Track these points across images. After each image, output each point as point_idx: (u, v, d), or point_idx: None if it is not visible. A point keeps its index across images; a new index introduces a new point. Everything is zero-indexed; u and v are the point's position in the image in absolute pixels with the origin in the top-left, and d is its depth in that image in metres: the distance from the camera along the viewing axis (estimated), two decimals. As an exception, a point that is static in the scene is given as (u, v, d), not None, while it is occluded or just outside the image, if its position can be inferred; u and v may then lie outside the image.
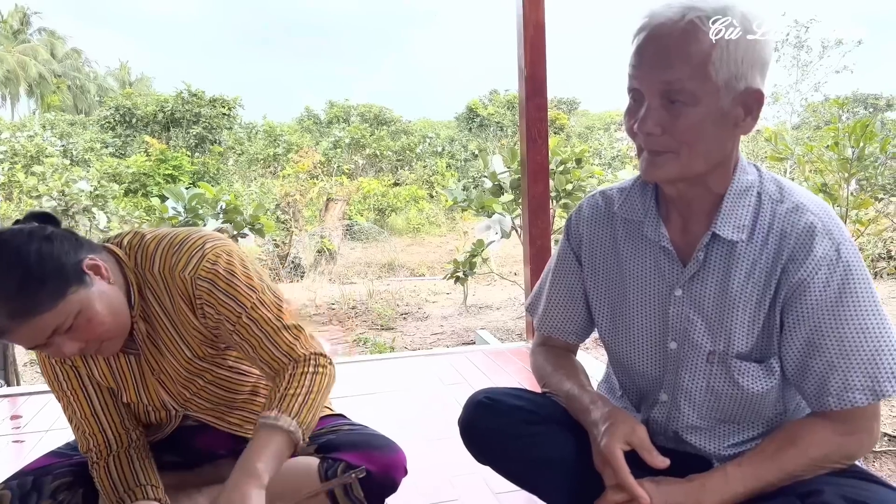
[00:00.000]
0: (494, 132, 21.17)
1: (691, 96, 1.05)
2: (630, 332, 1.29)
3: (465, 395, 1.31)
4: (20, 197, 14.55)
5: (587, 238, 1.35)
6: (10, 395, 3.11)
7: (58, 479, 1.40)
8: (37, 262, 1.16)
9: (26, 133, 17.41)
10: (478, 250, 6.02)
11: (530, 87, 3.22)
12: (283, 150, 18.69)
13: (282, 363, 1.34)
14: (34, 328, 1.17)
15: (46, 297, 1.16)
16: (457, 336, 6.37)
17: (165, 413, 1.48)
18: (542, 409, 1.36)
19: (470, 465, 2.02)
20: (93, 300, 1.22)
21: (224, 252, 1.35)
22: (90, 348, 1.27)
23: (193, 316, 1.36)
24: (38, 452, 1.58)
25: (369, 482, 1.38)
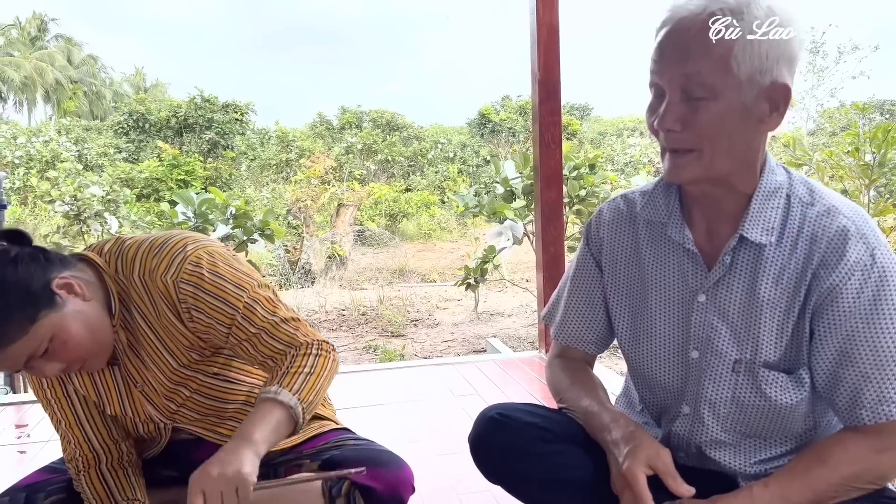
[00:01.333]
0: (506, 138, 21.10)
1: (711, 90, 1.01)
2: (650, 341, 1.23)
3: (477, 407, 1.26)
4: (35, 202, 14.68)
5: (608, 242, 1.30)
6: (15, 402, 3.07)
7: (51, 497, 1.36)
8: (1, 291, 1.11)
9: (42, 138, 17.58)
10: (489, 257, 5.95)
11: (544, 90, 3.15)
12: (295, 156, 18.72)
13: (284, 353, 1.30)
14: (6, 357, 1.14)
15: (14, 328, 1.12)
16: (468, 343, 6.30)
17: (154, 426, 1.42)
18: (558, 426, 1.29)
19: (480, 482, 1.94)
20: (67, 322, 1.18)
21: (206, 253, 1.29)
22: (73, 368, 1.23)
23: (178, 321, 1.30)
24: (41, 461, 1.54)
25: (375, 499, 1.32)
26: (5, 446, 2.48)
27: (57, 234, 6.81)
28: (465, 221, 15.87)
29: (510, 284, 9.06)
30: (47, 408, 1.40)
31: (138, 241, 1.32)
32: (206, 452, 1.46)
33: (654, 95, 1.09)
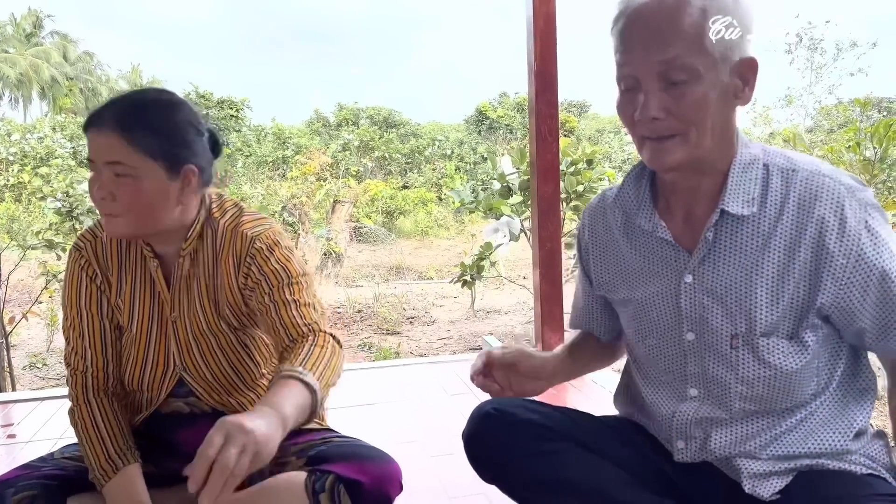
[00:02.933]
0: (504, 135, 21.03)
1: (692, 72, 1.01)
2: (647, 329, 1.22)
3: (471, 406, 1.23)
4: (29, 199, 14.59)
5: (591, 240, 1.32)
6: (0, 402, 3.00)
7: (21, 492, 1.29)
8: (174, 123, 1.30)
9: (36, 135, 17.49)
10: (485, 253, 5.87)
11: (540, 81, 3.08)
12: (291, 153, 18.65)
13: (301, 332, 1.33)
14: (117, 141, 1.25)
15: (152, 137, 1.27)
16: (464, 341, 6.23)
17: (163, 369, 1.43)
18: (558, 424, 1.25)
19: (473, 484, 1.87)
20: (156, 184, 1.29)
21: (286, 240, 1.43)
22: (111, 207, 1.28)
23: (234, 276, 1.39)
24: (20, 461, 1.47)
25: (360, 495, 1.26)
26: (-15, 447, 2.41)
27: (49, 230, 6.71)
28: (463, 219, 15.81)
29: (507, 282, 8.99)
30: (73, 316, 1.42)
31: (237, 202, 1.47)
32: (193, 433, 1.42)
33: (624, 88, 1.08)
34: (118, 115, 1.28)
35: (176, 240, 1.39)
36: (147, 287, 1.42)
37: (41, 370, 5.67)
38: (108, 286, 1.42)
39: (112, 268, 1.43)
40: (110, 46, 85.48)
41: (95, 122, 1.28)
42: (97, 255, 1.43)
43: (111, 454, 1.35)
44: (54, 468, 1.40)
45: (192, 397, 1.46)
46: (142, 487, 1.35)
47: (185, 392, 1.46)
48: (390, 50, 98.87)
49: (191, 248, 1.38)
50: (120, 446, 1.36)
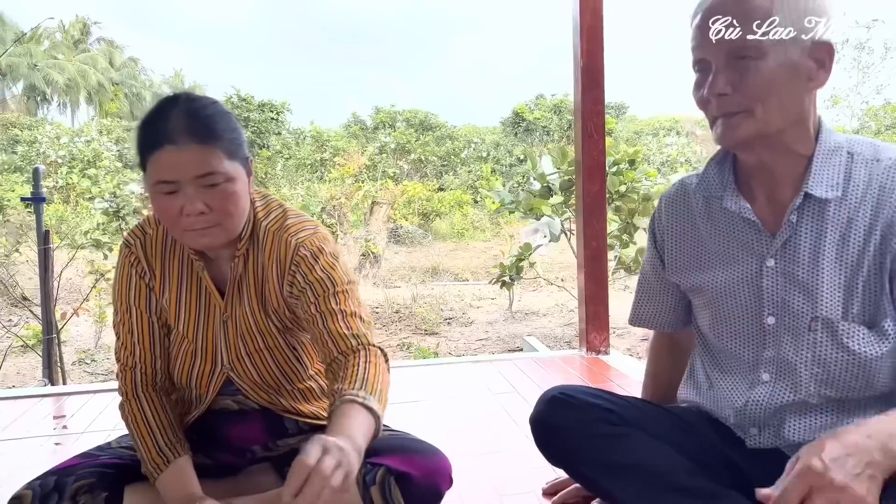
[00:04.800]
0: (540, 136, 20.90)
1: (757, 49, 1.03)
2: (723, 315, 1.23)
3: (516, 405, 1.24)
4: (77, 200, 15.00)
5: (668, 227, 1.33)
6: (53, 394, 3.07)
7: (80, 481, 1.32)
8: (232, 122, 1.31)
9: (84, 138, 17.99)
10: (525, 254, 5.84)
11: (587, 78, 3.04)
12: (329, 155, 18.81)
13: (350, 344, 1.32)
14: (203, 153, 1.23)
15: (229, 141, 1.27)
16: (502, 342, 6.20)
17: (210, 368, 1.42)
18: (625, 410, 1.27)
19: (524, 482, 1.85)
20: (243, 184, 1.31)
21: (332, 244, 1.42)
22: (208, 220, 1.27)
23: (279, 282, 1.38)
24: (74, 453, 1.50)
25: (410, 488, 1.26)
26: (41, 437, 2.46)
27: (97, 230, 6.89)
28: (499, 220, 15.75)
29: (545, 283, 8.93)
30: (123, 313, 1.43)
31: (281, 202, 1.46)
32: (243, 430, 1.48)
33: (699, 72, 1.12)
34: (192, 129, 1.23)
35: (229, 243, 1.37)
36: (194, 287, 1.42)
37: (90, 366, 5.81)
38: (155, 283, 1.43)
39: (158, 266, 1.43)
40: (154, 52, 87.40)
41: (170, 141, 1.22)
42: (146, 252, 1.43)
43: (162, 447, 1.35)
44: (112, 457, 1.42)
45: (239, 395, 1.46)
46: (193, 479, 1.36)
47: (232, 390, 1.46)
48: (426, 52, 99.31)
49: (244, 249, 1.38)
50: (170, 439, 1.37)
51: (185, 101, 1.27)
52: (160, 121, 1.24)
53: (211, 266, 1.42)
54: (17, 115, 21.54)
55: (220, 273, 1.42)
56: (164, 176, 1.23)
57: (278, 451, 1.53)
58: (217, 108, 1.30)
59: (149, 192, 1.29)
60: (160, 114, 1.25)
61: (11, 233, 10.85)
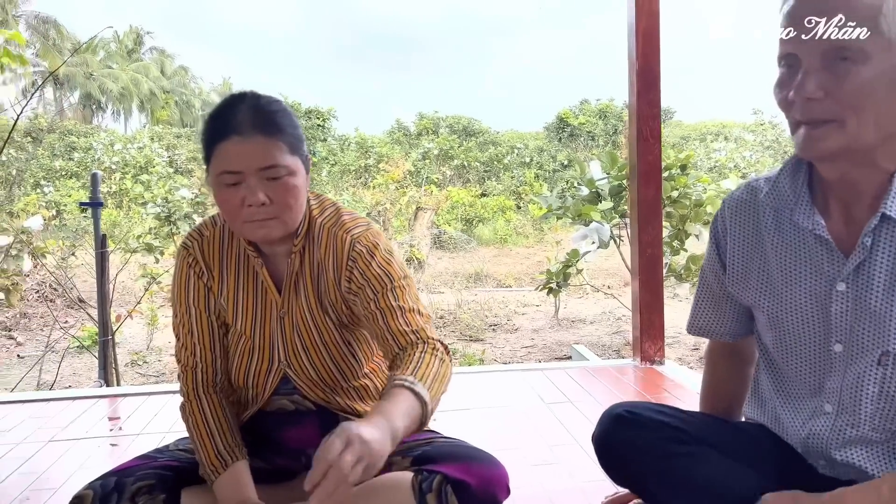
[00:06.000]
0: (585, 142, 20.68)
1: (860, 52, 0.91)
2: (787, 335, 1.14)
3: (569, 415, 1.20)
4: (129, 205, 15.42)
5: (731, 234, 1.22)
6: (109, 395, 3.13)
7: (139, 482, 1.33)
8: (294, 118, 1.35)
9: (136, 145, 18.51)
10: (572, 260, 5.75)
11: (642, 81, 2.98)
12: (373, 162, 18.96)
13: (410, 339, 1.32)
14: (268, 145, 1.27)
15: (291, 135, 1.31)
16: (548, 350, 6.12)
17: (267, 365, 1.44)
18: (692, 427, 1.21)
19: (579, 496, 1.80)
20: (303, 178, 1.33)
21: (385, 240, 1.43)
22: (268, 211, 1.29)
23: (335, 278, 1.39)
24: (131, 454, 1.51)
25: (467, 496, 1.23)
26: (98, 438, 2.51)
27: (149, 234, 7.05)
28: (542, 227, 15.63)
29: (591, 290, 8.80)
30: (182, 315, 1.45)
31: (334, 201, 1.48)
32: (299, 432, 1.48)
33: (785, 66, 1.00)
34: (258, 121, 1.27)
35: (285, 237, 1.39)
36: (251, 284, 1.43)
37: (141, 367, 5.93)
38: (213, 283, 1.44)
39: (216, 266, 1.45)
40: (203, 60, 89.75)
41: (237, 132, 1.26)
42: (203, 253, 1.45)
43: (220, 450, 1.36)
44: (170, 459, 1.43)
45: (296, 395, 1.46)
46: (249, 483, 1.36)
47: (289, 389, 1.46)
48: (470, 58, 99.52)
49: (301, 245, 1.39)
50: (229, 442, 1.38)
51: (252, 97, 1.32)
52: (228, 113, 1.29)
53: (268, 263, 1.43)
54: (74, 122, 22.27)
55: (276, 270, 1.44)
56: (228, 166, 1.27)
57: None
58: (281, 105, 1.34)
59: (212, 183, 1.32)
60: (228, 107, 1.30)
61: (68, 236, 11.21)
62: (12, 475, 2.17)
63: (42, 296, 7.83)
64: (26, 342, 6.87)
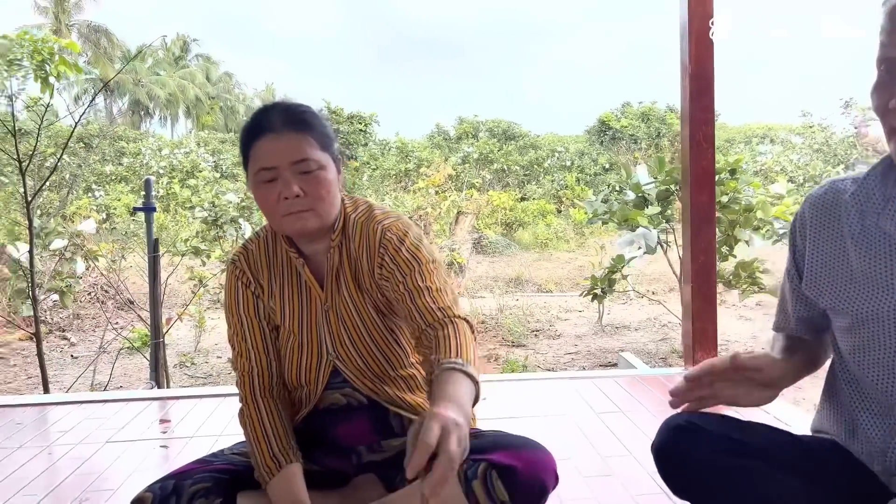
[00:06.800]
0: (627, 145, 20.44)
1: None
2: (867, 344, 1.09)
3: (621, 425, 1.16)
4: (176, 209, 15.76)
5: (811, 233, 1.18)
6: (159, 397, 3.19)
7: (196, 484, 1.36)
8: (325, 121, 1.45)
9: (183, 150, 18.93)
10: (617, 266, 5.68)
11: (695, 85, 2.91)
12: (413, 166, 19.05)
13: (436, 316, 1.35)
14: (299, 140, 1.37)
15: (321, 133, 1.40)
16: (593, 357, 6.04)
17: (317, 360, 1.49)
18: (757, 441, 1.17)
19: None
20: (333, 174, 1.42)
21: (416, 230, 1.48)
22: (303, 203, 1.37)
23: (369, 267, 1.45)
24: (184, 457, 1.54)
25: (514, 481, 1.21)
26: (153, 440, 2.55)
27: (196, 238, 7.18)
28: (584, 231, 15.47)
29: (634, 296, 8.67)
30: (235, 323, 1.52)
31: (367, 199, 1.55)
32: (350, 428, 1.51)
33: (885, 71, 0.95)
34: (289, 119, 1.39)
35: (323, 236, 1.46)
36: (295, 285, 1.51)
37: (189, 369, 6.04)
38: (261, 290, 1.53)
39: (263, 274, 1.53)
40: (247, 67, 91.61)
41: (270, 130, 1.38)
42: (249, 265, 1.54)
43: (275, 452, 1.40)
44: (225, 463, 1.47)
45: (347, 387, 1.50)
46: (301, 486, 1.39)
47: (339, 382, 1.50)
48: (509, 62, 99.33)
49: (338, 240, 1.46)
50: (283, 445, 1.41)
51: (282, 102, 1.45)
52: (261, 117, 1.42)
53: (309, 263, 1.50)
54: (124, 128, 22.91)
55: (317, 268, 1.51)
56: (264, 163, 1.37)
57: (382, 453, 1.54)
58: (309, 107, 1.46)
59: (251, 184, 1.42)
60: (261, 112, 1.43)
61: (118, 240, 11.51)
62: (71, 476, 2.22)
63: (94, 298, 8.05)
64: (79, 343, 7.07)
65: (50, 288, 6.07)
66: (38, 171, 9.65)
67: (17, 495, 2.07)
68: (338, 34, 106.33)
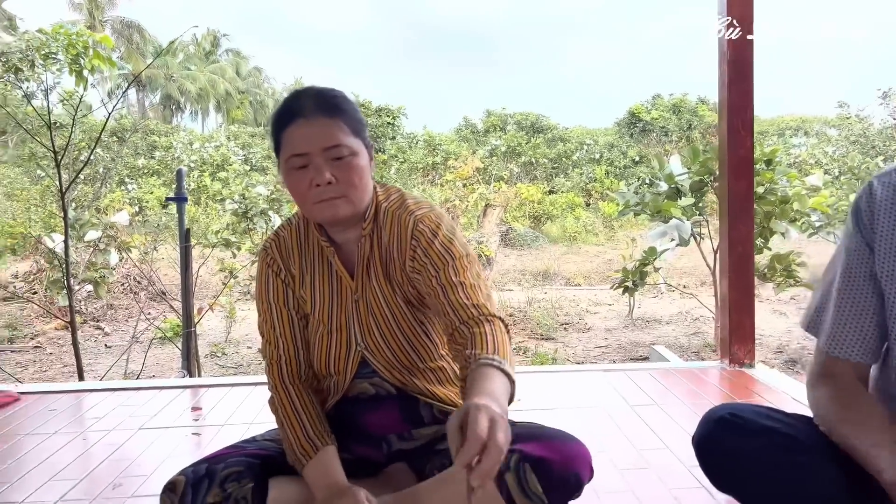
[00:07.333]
0: (658, 137, 20.15)
1: None
2: None
3: (658, 418, 1.12)
4: (206, 202, 15.94)
5: (883, 224, 1.10)
6: (191, 385, 3.22)
7: (228, 469, 1.35)
8: (357, 108, 1.41)
9: (213, 144, 19.13)
10: (649, 258, 5.58)
11: (733, 70, 2.83)
12: (441, 159, 19.02)
13: (471, 314, 1.33)
14: (331, 126, 1.34)
15: (353, 119, 1.38)
16: (623, 351, 5.96)
17: (346, 350, 1.47)
18: (803, 434, 1.12)
19: (673, 502, 1.71)
20: (365, 161, 1.39)
21: (449, 221, 1.45)
22: (335, 190, 1.35)
23: (400, 258, 1.42)
24: (215, 444, 1.53)
25: (548, 473, 1.18)
26: (185, 427, 2.57)
27: (226, 230, 7.24)
28: (612, 224, 15.31)
29: (665, 290, 8.54)
30: (265, 311, 1.50)
31: (399, 188, 1.52)
32: (380, 417, 1.48)
33: None
34: (321, 105, 1.36)
35: (355, 224, 1.44)
36: (325, 274, 1.49)
37: (220, 359, 6.10)
38: (291, 279, 1.51)
39: (294, 262, 1.51)
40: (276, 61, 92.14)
41: (301, 115, 1.35)
42: (281, 253, 1.52)
43: (310, 435, 1.39)
44: (258, 449, 1.46)
45: (375, 377, 1.48)
46: (339, 469, 1.38)
47: (368, 372, 1.48)
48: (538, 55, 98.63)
49: (369, 228, 1.43)
50: (318, 429, 1.40)
51: (313, 88, 1.42)
52: (293, 101, 1.39)
53: (339, 251, 1.48)
54: (156, 122, 23.23)
55: (348, 257, 1.48)
56: (295, 149, 1.35)
57: (413, 442, 1.52)
58: (341, 93, 1.44)
59: (283, 172, 1.40)
60: (293, 97, 1.41)
61: (150, 232, 11.68)
62: (105, 461, 2.24)
63: (127, 288, 8.17)
64: (113, 332, 7.19)
65: (84, 279, 6.17)
66: (73, 164, 9.81)
67: (53, 479, 2.09)
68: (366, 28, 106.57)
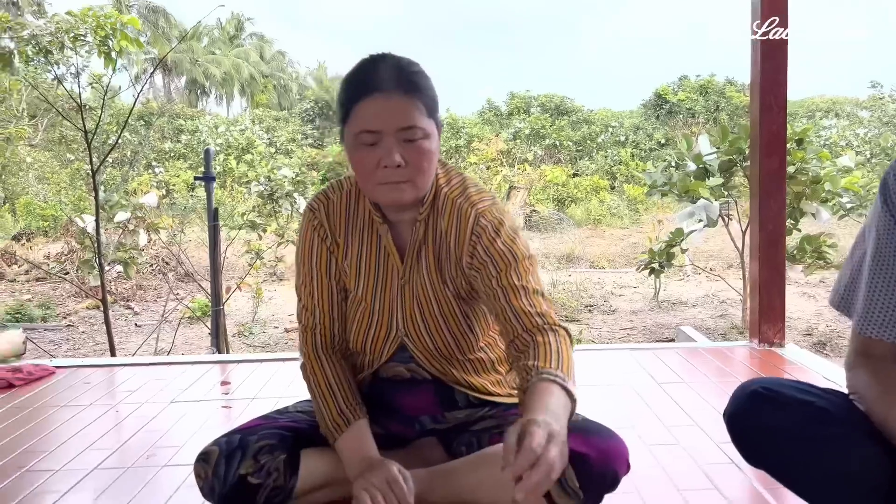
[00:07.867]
0: (684, 119, 19.86)
1: None
2: None
3: (686, 396, 1.11)
4: (232, 185, 16.09)
5: None
6: (221, 361, 3.26)
7: (261, 441, 1.37)
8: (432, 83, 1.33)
9: (238, 127, 19.27)
10: (676, 240, 5.52)
11: (766, 45, 2.77)
12: (464, 142, 18.95)
13: (535, 322, 1.28)
14: (408, 105, 1.26)
15: (430, 98, 1.30)
16: (649, 332, 5.92)
17: (385, 333, 1.41)
18: (839, 409, 1.10)
19: (701, 478, 1.71)
20: (436, 143, 1.32)
21: (510, 218, 1.38)
22: (402, 174, 1.27)
23: (457, 251, 1.36)
24: (245, 417, 1.55)
25: (586, 469, 1.19)
26: (215, 401, 2.60)
27: (252, 212, 7.31)
28: (638, 207, 15.15)
29: (691, 272, 8.45)
30: (306, 275, 1.44)
31: (460, 171, 1.45)
32: (415, 399, 1.48)
33: None
34: (400, 80, 1.27)
35: (412, 206, 1.37)
36: (374, 252, 1.42)
37: (247, 338, 6.18)
38: (336, 247, 1.44)
39: (340, 230, 1.44)
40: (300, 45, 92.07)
41: (378, 89, 1.25)
42: (329, 217, 1.44)
43: (343, 407, 1.37)
44: (290, 421, 1.47)
45: (412, 363, 1.45)
46: (370, 441, 1.37)
47: (406, 357, 1.45)
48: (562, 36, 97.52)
49: (426, 213, 1.36)
50: (350, 401, 1.38)
51: (393, 57, 1.31)
52: (370, 71, 1.28)
53: (392, 230, 1.41)
54: (182, 106, 23.43)
55: (400, 237, 1.42)
56: (368, 125, 1.26)
57: (446, 424, 1.52)
58: (420, 67, 1.32)
59: (348, 144, 1.31)
60: (370, 66, 1.30)
61: (177, 214, 11.82)
62: (138, 433, 2.28)
63: (156, 269, 8.29)
64: (142, 312, 7.31)
65: (114, 259, 6.26)
66: (102, 147, 9.94)
67: (88, 450, 2.14)
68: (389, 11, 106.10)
